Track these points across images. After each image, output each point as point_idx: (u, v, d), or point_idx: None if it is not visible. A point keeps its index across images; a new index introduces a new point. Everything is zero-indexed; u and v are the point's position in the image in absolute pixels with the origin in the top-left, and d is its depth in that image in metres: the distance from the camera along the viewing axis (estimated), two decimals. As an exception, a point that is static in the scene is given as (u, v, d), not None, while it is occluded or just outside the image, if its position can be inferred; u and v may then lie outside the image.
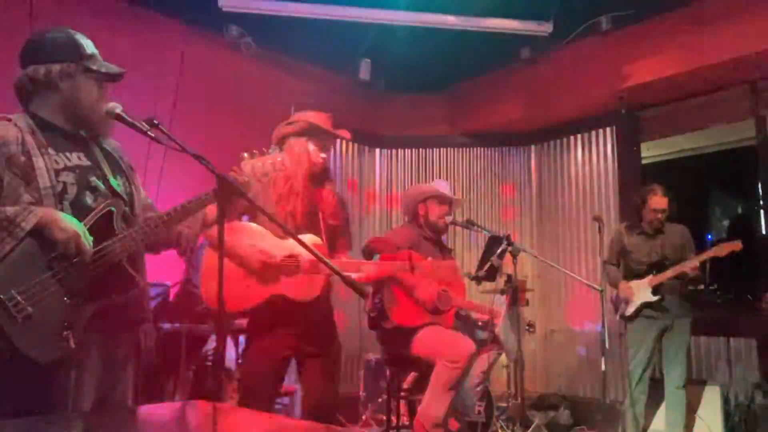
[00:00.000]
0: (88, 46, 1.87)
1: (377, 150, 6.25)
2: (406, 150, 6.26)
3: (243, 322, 3.25)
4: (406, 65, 5.52)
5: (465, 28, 4.78)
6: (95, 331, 1.72)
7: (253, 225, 2.60)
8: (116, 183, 1.89)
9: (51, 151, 1.76)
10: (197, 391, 3.79)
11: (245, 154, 2.25)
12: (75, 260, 1.67)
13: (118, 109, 1.85)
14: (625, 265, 4.27)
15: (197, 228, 2.19)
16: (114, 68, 1.89)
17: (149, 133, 1.84)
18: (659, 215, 4.10)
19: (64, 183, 1.75)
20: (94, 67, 1.84)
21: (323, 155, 2.79)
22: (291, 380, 3.77)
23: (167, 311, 3.81)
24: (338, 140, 5.87)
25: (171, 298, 3.92)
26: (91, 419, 1.60)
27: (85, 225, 1.71)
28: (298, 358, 2.72)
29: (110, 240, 1.75)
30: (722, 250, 3.88)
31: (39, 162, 1.72)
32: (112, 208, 1.79)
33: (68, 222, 1.67)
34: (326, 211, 2.77)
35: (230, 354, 4.00)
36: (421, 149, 6.24)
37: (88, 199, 1.78)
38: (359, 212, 6.01)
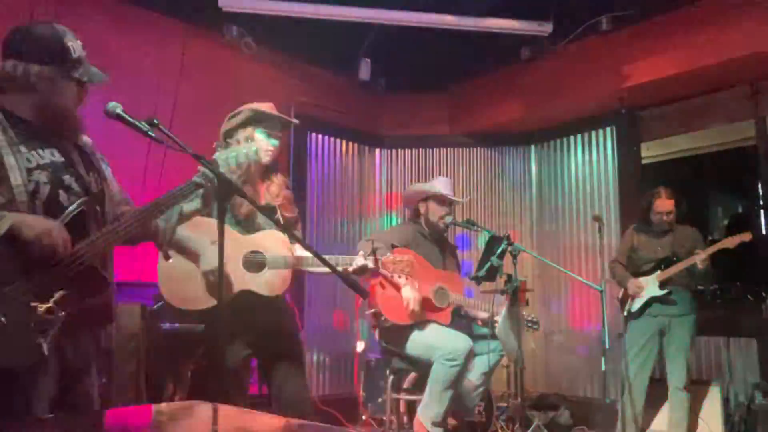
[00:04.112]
0: (75, 48, 1.79)
1: (377, 150, 6.25)
2: (406, 150, 6.25)
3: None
4: (406, 65, 5.52)
5: (465, 28, 4.78)
6: (58, 332, 1.64)
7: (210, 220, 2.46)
8: (89, 180, 1.83)
9: (23, 148, 1.70)
10: (197, 391, 3.79)
11: (216, 144, 2.21)
12: (51, 258, 1.61)
13: (119, 109, 1.82)
14: (631, 262, 4.25)
15: (174, 221, 2.17)
16: (97, 76, 1.83)
17: (149, 133, 1.83)
18: (665, 217, 4.09)
19: (37, 182, 1.68)
20: (76, 75, 1.78)
21: (274, 143, 2.72)
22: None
23: (167, 311, 3.81)
24: (339, 140, 5.88)
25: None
26: (90, 421, 1.60)
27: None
28: (260, 359, 2.69)
29: (84, 242, 1.70)
30: (732, 241, 3.88)
31: (10, 160, 1.66)
32: (85, 209, 1.74)
33: (37, 220, 1.63)
34: (282, 204, 2.74)
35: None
36: (421, 149, 6.24)
37: (62, 198, 1.73)
38: (359, 212, 6.00)
